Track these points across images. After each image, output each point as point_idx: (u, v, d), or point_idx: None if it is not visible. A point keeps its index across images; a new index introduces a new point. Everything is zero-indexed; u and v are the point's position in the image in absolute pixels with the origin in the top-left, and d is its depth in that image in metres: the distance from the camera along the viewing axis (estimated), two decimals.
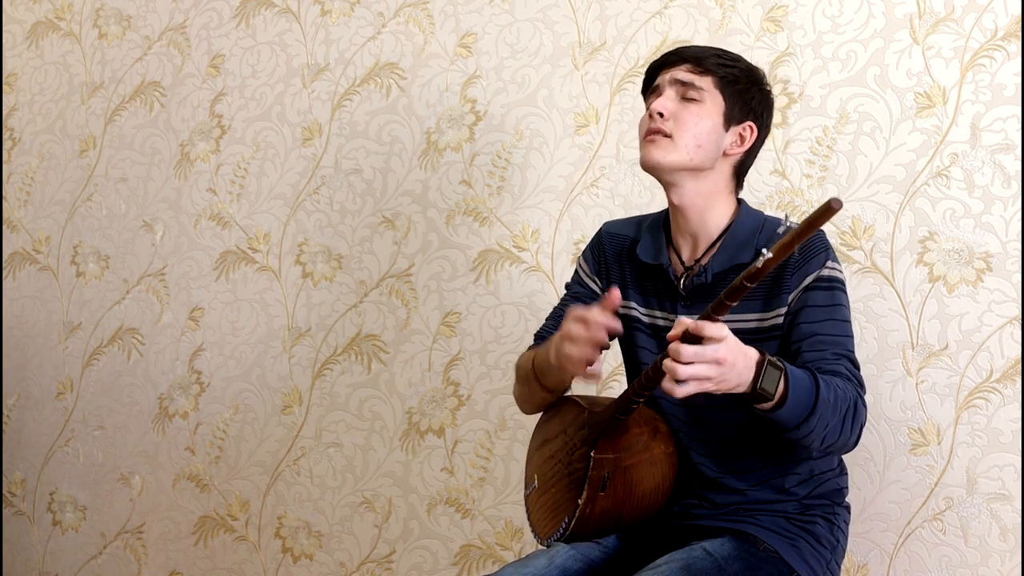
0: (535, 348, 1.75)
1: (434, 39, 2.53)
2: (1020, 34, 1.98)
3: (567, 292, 1.81)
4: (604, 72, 2.34)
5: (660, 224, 1.71)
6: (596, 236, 1.79)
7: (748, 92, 1.64)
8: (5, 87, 3.14)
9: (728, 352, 1.31)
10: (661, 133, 1.60)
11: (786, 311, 1.56)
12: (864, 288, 2.05)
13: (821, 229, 1.59)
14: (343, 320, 2.58)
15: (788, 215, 1.29)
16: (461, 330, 2.45)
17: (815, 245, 1.56)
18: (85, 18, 3.03)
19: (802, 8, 2.16)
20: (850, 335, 1.56)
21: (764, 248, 1.25)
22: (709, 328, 1.30)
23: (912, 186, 2.03)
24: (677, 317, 1.35)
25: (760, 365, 1.35)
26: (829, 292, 1.55)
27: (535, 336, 1.80)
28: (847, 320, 1.56)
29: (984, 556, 1.95)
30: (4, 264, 3.08)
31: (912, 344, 2.01)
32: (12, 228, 3.08)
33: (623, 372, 1.99)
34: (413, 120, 2.54)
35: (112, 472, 2.86)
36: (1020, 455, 1.93)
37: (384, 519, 2.51)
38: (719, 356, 1.30)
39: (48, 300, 3.00)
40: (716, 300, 1.30)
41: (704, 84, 1.61)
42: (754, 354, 1.36)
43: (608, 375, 2.27)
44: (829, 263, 1.56)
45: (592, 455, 1.52)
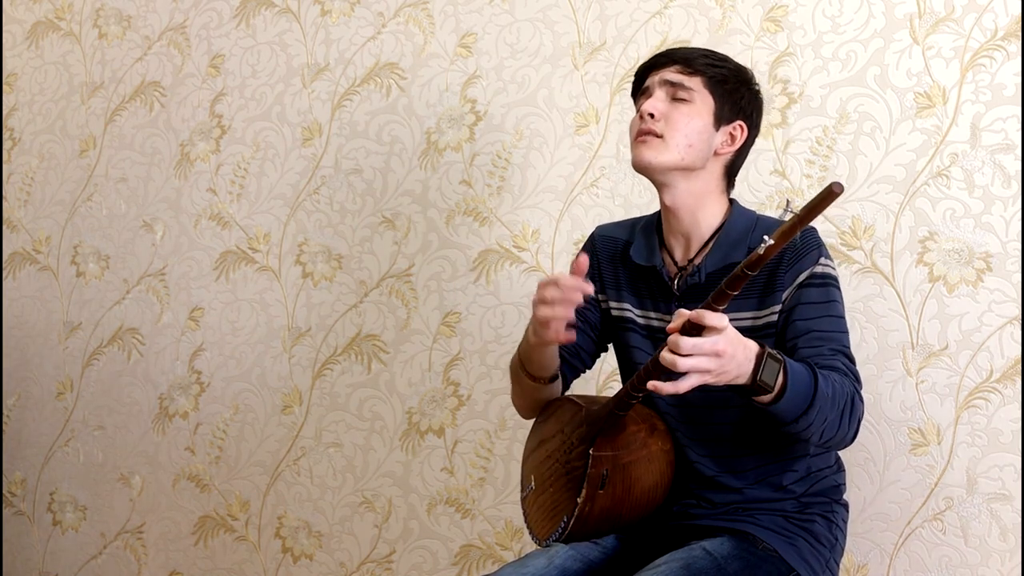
0: None
1: (434, 39, 2.53)
2: (1020, 34, 1.98)
3: None
4: (604, 72, 2.34)
5: (653, 226, 1.71)
6: (589, 240, 1.79)
7: (737, 91, 1.65)
8: (5, 87, 3.14)
9: (727, 343, 1.31)
10: (652, 134, 1.60)
11: (780, 308, 1.56)
12: (864, 288, 2.04)
13: (815, 228, 1.59)
14: (343, 320, 2.58)
15: (790, 200, 1.28)
16: (461, 330, 2.45)
17: (808, 242, 1.56)
18: (85, 18, 3.03)
19: (802, 8, 2.16)
20: (845, 331, 1.56)
21: (765, 235, 1.25)
22: (710, 317, 1.30)
23: (912, 186, 2.03)
24: (677, 310, 1.35)
25: (760, 357, 1.36)
26: (823, 288, 1.56)
27: None
28: (842, 316, 1.57)
29: (984, 556, 1.95)
30: (4, 264, 3.08)
31: (912, 344, 2.01)
32: (12, 228, 3.08)
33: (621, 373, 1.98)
34: (413, 120, 2.54)
35: (112, 472, 2.86)
36: (1020, 455, 1.93)
37: (384, 519, 2.51)
38: (718, 348, 1.30)
39: (48, 300, 3.00)
40: (717, 290, 1.30)
41: (693, 84, 1.62)
42: (754, 346, 1.36)
43: (606, 377, 2.27)
44: (822, 260, 1.56)
45: (591, 452, 1.52)
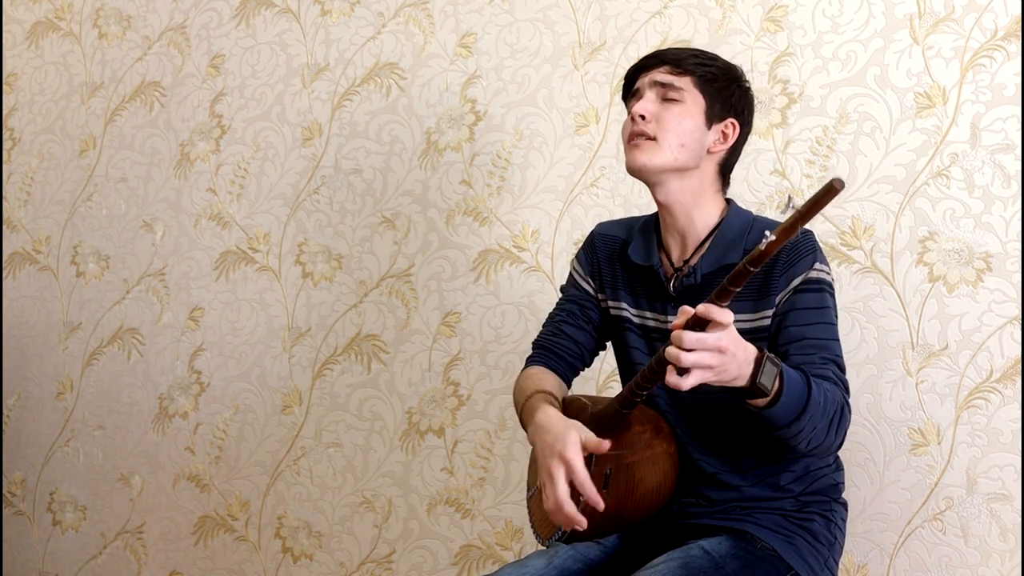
0: (531, 370, 1.74)
1: (434, 39, 2.53)
2: (1020, 34, 1.98)
3: (563, 296, 1.81)
4: (604, 72, 2.34)
5: (651, 226, 1.72)
6: (588, 238, 1.80)
7: (727, 89, 1.65)
8: (5, 87, 3.14)
9: (730, 341, 1.31)
10: (644, 136, 1.61)
11: (773, 312, 1.56)
12: (864, 288, 2.04)
13: (812, 231, 1.59)
14: (343, 320, 2.58)
15: (792, 196, 1.27)
16: (461, 330, 2.44)
17: (803, 247, 1.56)
18: (85, 18, 3.03)
19: (802, 8, 2.16)
20: (837, 339, 1.56)
21: (767, 231, 1.25)
22: (716, 311, 1.30)
23: (912, 186, 2.03)
24: (680, 307, 1.35)
25: (759, 360, 1.36)
26: (818, 295, 1.55)
27: (534, 344, 1.79)
28: (834, 323, 1.56)
29: (984, 556, 1.95)
30: (4, 264, 3.08)
31: (912, 344, 2.01)
32: (12, 228, 3.08)
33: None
34: (413, 120, 2.54)
35: (112, 472, 2.86)
36: (1020, 455, 1.93)
37: (384, 519, 2.51)
38: (721, 344, 1.30)
39: (48, 300, 3.00)
40: (719, 287, 1.30)
41: (683, 84, 1.62)
42: (753, 349, 1.36)
43: (606, 377, 2.27)
44: (817, 265, 1.56)
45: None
